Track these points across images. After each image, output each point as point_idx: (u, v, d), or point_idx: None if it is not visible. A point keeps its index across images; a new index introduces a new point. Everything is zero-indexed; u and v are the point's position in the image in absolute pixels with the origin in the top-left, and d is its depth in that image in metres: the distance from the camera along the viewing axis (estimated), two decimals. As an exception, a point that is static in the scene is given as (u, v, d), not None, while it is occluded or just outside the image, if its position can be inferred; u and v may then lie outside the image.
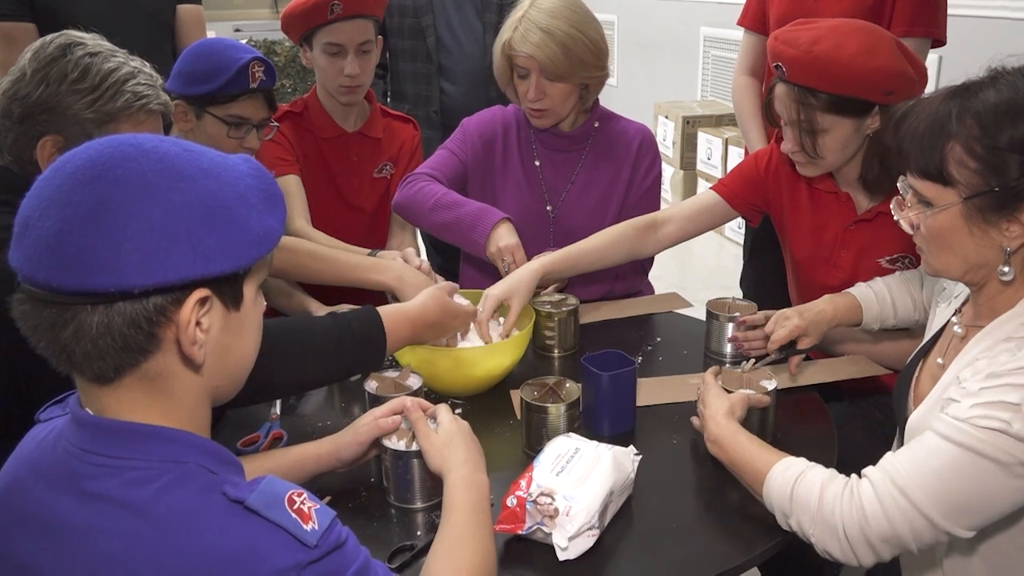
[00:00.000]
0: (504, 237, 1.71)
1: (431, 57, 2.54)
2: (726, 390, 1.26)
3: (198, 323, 0.74)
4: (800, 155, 1.55)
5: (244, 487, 0.72)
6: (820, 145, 1.51)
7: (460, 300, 1.50)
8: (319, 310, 1.76)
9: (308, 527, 0.72)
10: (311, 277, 1.71)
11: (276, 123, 1.82)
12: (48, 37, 1.25)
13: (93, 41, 1.26)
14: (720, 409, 1.21)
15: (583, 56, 1.74)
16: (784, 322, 1.44)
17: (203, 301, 0.73)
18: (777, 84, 1.54)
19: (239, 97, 1.68)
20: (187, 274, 0.70)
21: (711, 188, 1.79)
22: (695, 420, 1.29)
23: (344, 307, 1.55)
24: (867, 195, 1.60)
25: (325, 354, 1.24)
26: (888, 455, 1.04)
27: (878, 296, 1.48)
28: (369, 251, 1.81)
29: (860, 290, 1.50)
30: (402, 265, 1.67)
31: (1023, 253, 1.05)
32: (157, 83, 1.29)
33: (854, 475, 1.04)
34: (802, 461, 1.09)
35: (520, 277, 1.58)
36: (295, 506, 0.72)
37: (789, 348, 1.46)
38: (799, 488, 1.05)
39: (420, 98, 2.61)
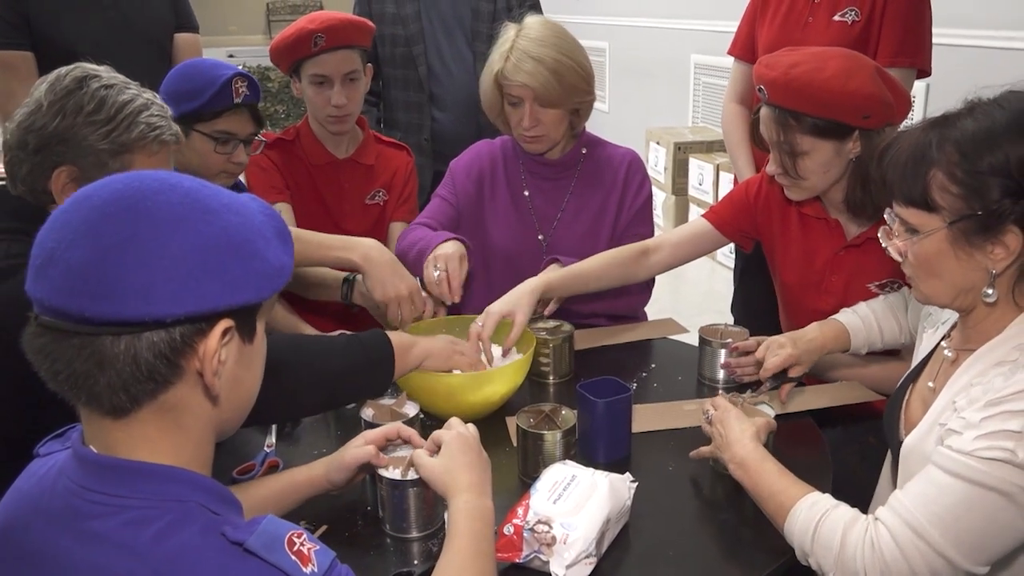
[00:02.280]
0: (443, 248, 1.70)
1: (422, 85, 2.58)
2: None
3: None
4: (784, 177, 1.58)
5: (244, 528, 0.72)
6: (801, 167, 1.54)
7: None
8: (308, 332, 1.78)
9: (308, 569, 0.71)
10: None
11: (264, 138, 1.84)
12: (63, 69, 1.27)
13: (108, 73, 1.29)
14: (746, 432, 1.21)
15: (574, 81, 1.78)
16: (777, 350, 1.45)
17: (225, 332, 0.74)
18: (762, 107, 1.57)
19: (224, 113, 1.70)
20: (216, 304, 0.72)
21: (702, 216, 1.81)
22: (704, 450, 1.29)
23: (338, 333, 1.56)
24: (855, 221, 1.63)
25: (342, 372, 1.27)
26: (897, 494, 1.04)
27: (864, 321, 1.50)
28: (347, 274, 1.82)
29: (846, 316, 1.52)
30: (371, 244, 1.67)
31: (1008, 276, 1.07)
32: (168, 114, 1.32)
33: (872, 519, 1.03)
34: (827, 499, 1.09)
35: (520, 293, 1.60)
36: (295, 548, 0.72)
37: (781, 376, 1.47)
38: (822, 528, 1.05)
39: (412, 126, 2.64)
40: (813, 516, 1.06)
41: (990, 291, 1.07)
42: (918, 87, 2.94)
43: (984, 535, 0.97)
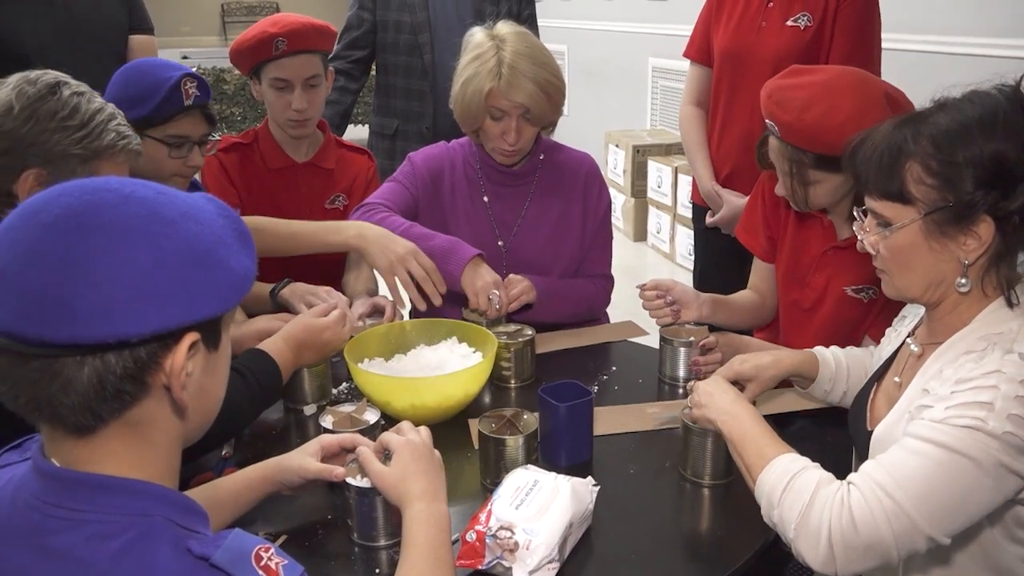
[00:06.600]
0: (484, 276, 1.70)
1: (427, 74, 2.59)
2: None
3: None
4: (794, 202, 1.63)
5: (210, 542, 0.70)
6: (811, 195, 1.57)
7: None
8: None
9: None
10: (270, 252, 1.70)
11: (217, 136, 1.82)
12: (32, 74, 1.27)
13: (75, 81, 1.30)
14: (738, 394, 1.23)
15: (558, 101, 1.82)
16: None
17: (192, 345, 0.72)
18: (769, 137, 1.59)
19: (176, 116, 1.65)
20: (182, 320, 0.69)
21: (756, 257, 1.87)
22: (691, 411, 1.28)
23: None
24: (848, 224, 1.65)
25: (241, 404, 1.30)
26: (870, 462, 1.05)
27: (835, 358, 1.47)
28: (272, 286, 1.80)
29: (819, 350, 1.50)
30: (359, 223, 1.72)
31: (978, 267, 1.09)
32: (129, 124, 1.34)
33: (846, 482, 1.04)
34: (807, 459, 1.09)
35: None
36: (262, 562, 0.70)
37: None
38: (797, 480, 1.05)
39: (412, 114, 2.66)
40: (792, 469, 1.06)
41: (964, 280, 1.09)
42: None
43: (950, 501, 0.98)
